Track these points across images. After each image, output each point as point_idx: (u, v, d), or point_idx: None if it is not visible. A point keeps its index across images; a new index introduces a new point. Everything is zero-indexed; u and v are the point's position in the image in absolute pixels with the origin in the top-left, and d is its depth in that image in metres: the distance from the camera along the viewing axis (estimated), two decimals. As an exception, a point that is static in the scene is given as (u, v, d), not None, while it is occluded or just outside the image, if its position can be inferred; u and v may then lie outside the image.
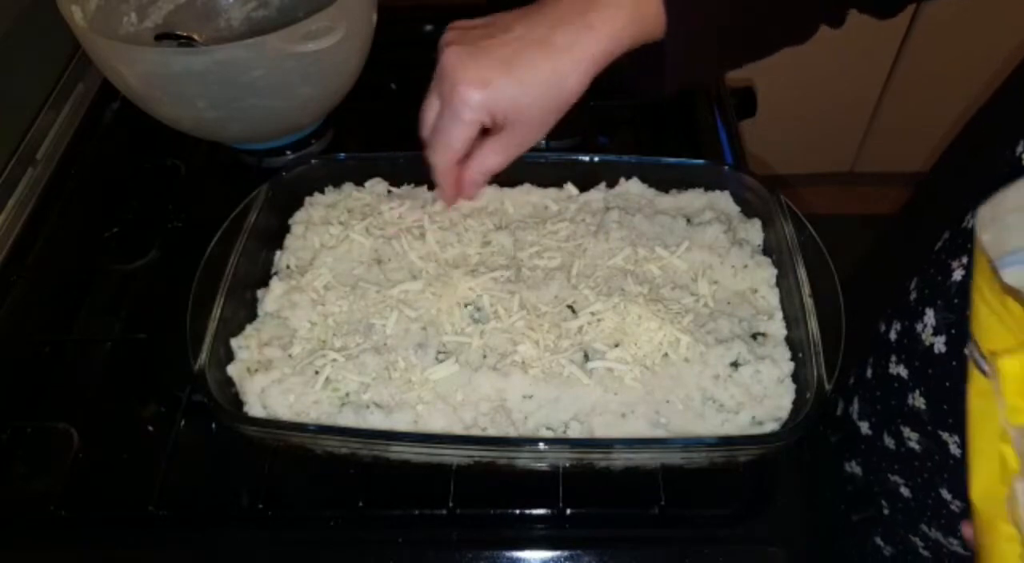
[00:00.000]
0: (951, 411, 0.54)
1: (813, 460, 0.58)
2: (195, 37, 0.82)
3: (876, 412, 0.63)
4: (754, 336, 0.59)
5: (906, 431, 0.59)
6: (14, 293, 0.69)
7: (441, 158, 0.55)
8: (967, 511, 0.54)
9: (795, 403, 0.54)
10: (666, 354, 0.56)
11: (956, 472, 0.56)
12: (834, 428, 0.70)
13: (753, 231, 0.65)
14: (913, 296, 0.57)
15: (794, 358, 0.57)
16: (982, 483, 0.37)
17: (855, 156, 1.88)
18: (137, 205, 0.78)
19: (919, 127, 1.73)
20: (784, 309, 0.60)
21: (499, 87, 0.51)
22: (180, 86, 0.68)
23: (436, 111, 0.54)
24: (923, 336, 0.55)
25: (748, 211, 0.67)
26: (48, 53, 0.83)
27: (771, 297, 0.61)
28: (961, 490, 0.55)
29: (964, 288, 0.51)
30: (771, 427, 0.53)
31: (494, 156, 0.55)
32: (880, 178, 1.90)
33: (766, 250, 0.64)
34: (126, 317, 0.68)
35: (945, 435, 0.54)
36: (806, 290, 0.56)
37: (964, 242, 0.52)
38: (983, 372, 0.37)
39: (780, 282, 0.61)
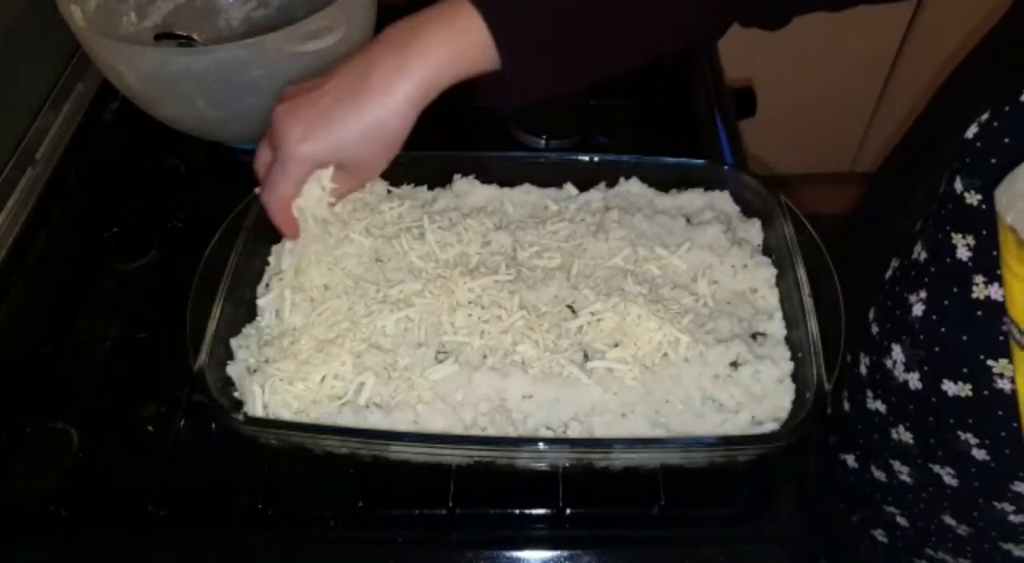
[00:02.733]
0: (939, 445, 0.52)
1: (813, 460, 0.58)
2: (195, 37, 0.82)
3: (859, 446, 0.61)
4: (754, 336, 0.59)
5: (896, 465, 0.57)
6: (14, 293, 0.69)
7: (273, 201, 0.57)
8: (976, 535, 0.53)
9: (795, 403, 0.54)
10: (666, 354, 0.56)
11: (957, 500, 0.53)
12: (834, 428, 0.70)
13: (753, 231, 0.65)
14: (875, 329, 0.55)
15: (794, 358, 0.57)
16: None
17: (855, 156, 1.88)
18: (137, 205, 0.78)
19: (919, 127, 1.73)
20: (784, 309, 0.60)
21: (318, 139, 0.53)
22: (180, 86, 0.68)
23: (267, 160, 0.57)
24: (894, 372, 0.53)
25: (748, 211, 0.67)
26: (48, 53, 0.83)
27: (771, 297, 0.61)
28: (966, 515, 0.53)
29: (928, 323, 0.49)
30: (771, 427, 0.53)
31: (343, 185, 0.59)
32: (880, 178, 1.90)
33: (766, 250, 0.64)
34: (126, 317, 0.68)
35: (936, 468, 0.53)
36: (806, 290, 0.56)
37: (918, 276, 0.50)
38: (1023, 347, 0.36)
39: (780, 282, 0.61)
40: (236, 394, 0.55)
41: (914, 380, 0.51)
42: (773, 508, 0.55)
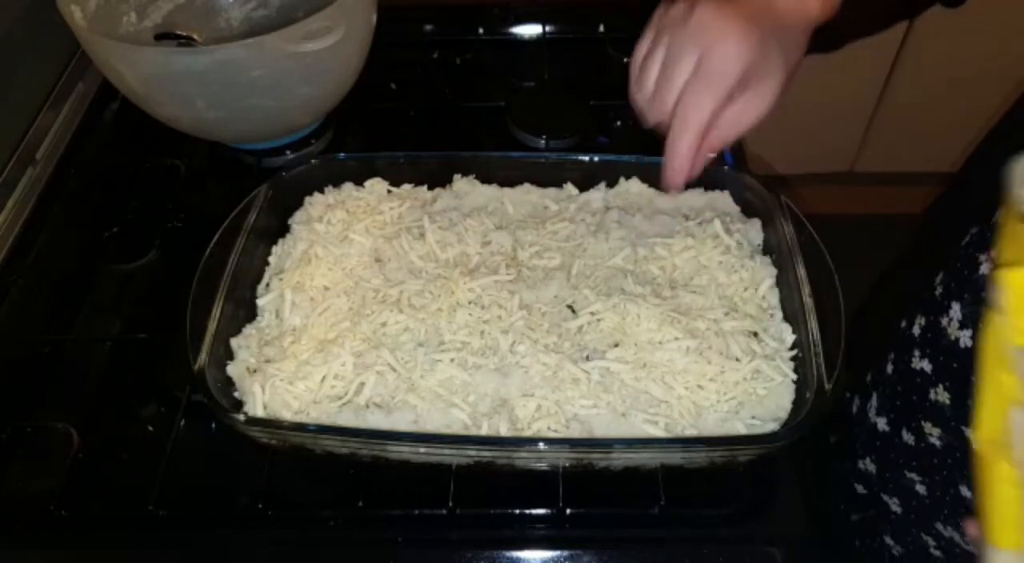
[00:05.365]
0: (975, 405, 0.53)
1: (813, 460, 0.58)
2: (195, 37, 0.82)
3: (896, 408, 0.62)
4: (754, 335, 0.58)
5: (927, 426, 0.57)
6: (14, 293, 0.69)
7: (693, 127, 0.48)
8: None
9: (795, 403, 0.54)
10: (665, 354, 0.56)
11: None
12: (834, 428, 0.70)
13: (753, 231, 0.65)
14: (939, 291, 0.56)
15: (794, 358, 0.57)
16: (987, 426, 0.37)
17: (855, 156, 1.88)
18: (137, 205, 0.78)
19: (919, 127, 1.73)
20: (784, 309, 0.60)
21: (759, 42, 0.48)
22: (180, 86, 0.68)
23: (687, 72, 0.49)
24: (948, 330, 0.54)
25: (748, 211, 0.67)
26: (48, 53, 0.83)
27: (771, 297, 0.61)
28: None
29: (991, 281, 0.51)
30: (771, 427, 0.53)
31: (750, 112, 0.50)
32: (880, 178, 1.90)
33: (766, 250, 0.64)
34: (126, 317, 0.68)
35: (967, 431, 0.54)
36: (806, 290, 0.56)
37: (994, 236, 0.50)
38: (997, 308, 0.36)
39: (780, 282, 0.61)
40: (236, 394, 0.55)
41: (965, 337, 0.52)
42: (773, 508, 0.55)
